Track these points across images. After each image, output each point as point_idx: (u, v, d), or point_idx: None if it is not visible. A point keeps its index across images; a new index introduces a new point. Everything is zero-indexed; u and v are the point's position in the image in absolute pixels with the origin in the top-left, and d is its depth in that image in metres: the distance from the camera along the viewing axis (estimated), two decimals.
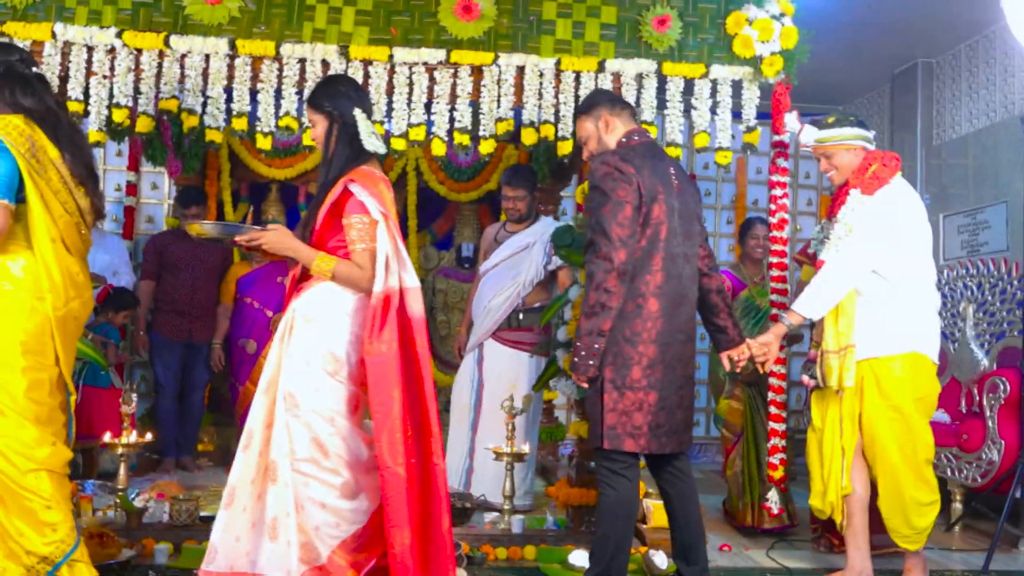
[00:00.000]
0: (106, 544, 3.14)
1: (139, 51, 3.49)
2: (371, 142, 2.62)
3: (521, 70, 3.61)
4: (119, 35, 3.46)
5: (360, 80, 3.54)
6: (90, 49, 3.48)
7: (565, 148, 3.65)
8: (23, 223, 2.39)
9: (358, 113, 2.62)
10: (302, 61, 3.53)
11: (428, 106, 3.60)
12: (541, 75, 3.62)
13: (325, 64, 3.54)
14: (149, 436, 3.85)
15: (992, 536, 3.72)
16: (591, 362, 2.68)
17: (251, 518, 2.56)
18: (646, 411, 2.72)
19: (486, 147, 3.64)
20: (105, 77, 3.48)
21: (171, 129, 5.00)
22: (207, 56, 3.49)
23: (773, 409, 3.78)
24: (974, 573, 3.59)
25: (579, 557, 3.31)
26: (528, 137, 3.62)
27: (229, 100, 3.54)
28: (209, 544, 2.56)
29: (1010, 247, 5.29)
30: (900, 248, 3.08)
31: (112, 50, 3.48)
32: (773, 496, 3.81)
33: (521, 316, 4.41)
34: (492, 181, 5.81)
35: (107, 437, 3.71)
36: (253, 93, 3.56)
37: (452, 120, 3.59)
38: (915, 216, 3.15)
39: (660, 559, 3.29)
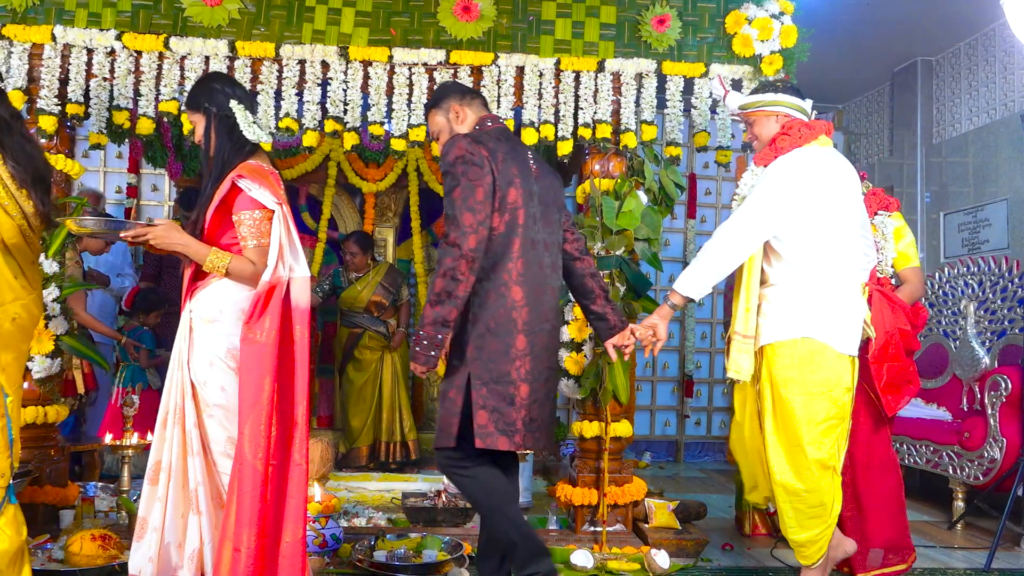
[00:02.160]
0: (108, 545, 3.14)
1: (139, 53, 3.49)
2: (252, 132, 2.58)
3: (521, 70, 3.62)
4: (119, 37, 3.46)
5: (360, 81, 3.54)
6: (90, 51, 3.48)
7: (565, 148, 3.65)
8: None
9: (235, 105, 2.57)
10: (302, 62, 3.53)
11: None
12: (541, 75, 3.62)
13: (325, 65, 3.54)
14: (151, 437, 3.85)
15: (994, 534, 3.72)
16: (433, 353, 2.51)
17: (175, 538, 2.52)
18: (519, 405, 2.56)
19: None
20: (105, 79, 3.49)
21: (171, 131, 5.01)
22: (207, 58, 3.50)
23: None
24: (976, 571, 3.59)
25: (581, 557, 3.32)
26: (528, 137, 3.62)
27: None
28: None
29: (1011, 245, 5.29)
30: (802, 225, 2.78)
31: (112, 52, 3.49)
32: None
33: None
34: None
35: (108, 439, 3.72)
36: (253, 94, 3.55)
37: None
38: (825, 191, 2.80)
39: (662, 558, 3.29)
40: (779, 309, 2.82)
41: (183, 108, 2.79)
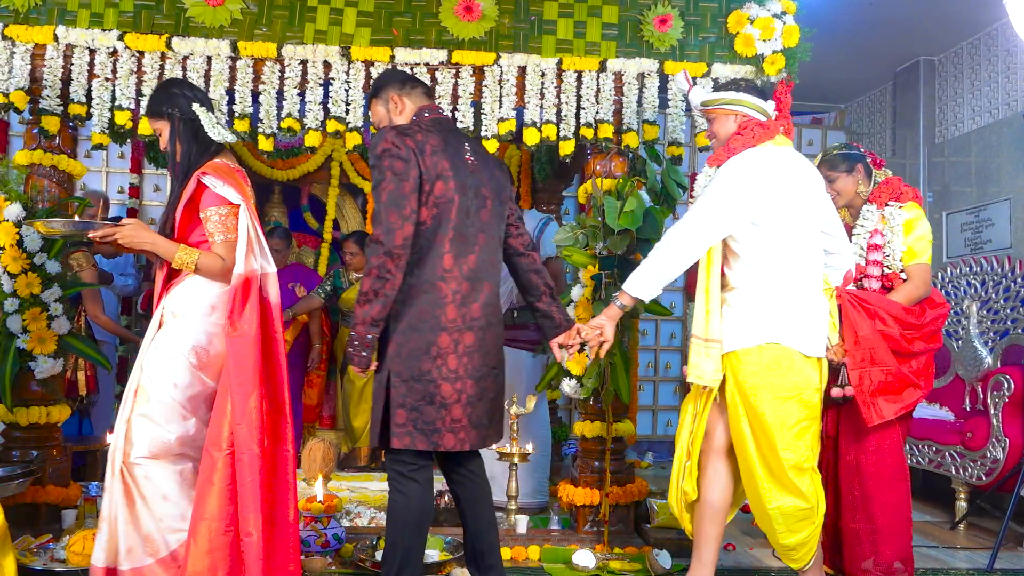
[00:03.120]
0: None
1: (141, 53, 3.49)
2: (217, 133, 2.62)
3: (523, 70, 3.62)
4: (121, 37, 3.47)
5: (362, 81, 3.55)
6: (92, 52, 3.48)
7: (567, 148, 3.65)
8: None
9: (197, 108, 2.63)
10: (304, 62, 3.54)
11: None
12: (543, 75, 3.62)
13: (327, 65, 3.54)
14: None
15: (997, 534, 3.72)
16: (364, 353, 2.48)
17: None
18: (438, 405, 2.49)
19: (488, 147, 3.65)
20: (107, 79, 3.49)
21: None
22: (209, 58, 3.50)
23: None
24: (979, 571, 3.58)
25: (583, 557, 3.31)
26: (530, 137, 3.62)
27: (231, 102, 3.54)
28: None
29: (1014, 244, 5.28)
30: (756, 225, 2.73)
31: (114, 52, 3.49)
32: None
33: (515, 314, 4.41)
34: None
35: (109, 438, 3.72)
36: (255, 95, 3.56)
37: (454, 120, 3.59)
38: (778, 191, 2.74)
39: (664, 559, 3.29)
40: (740, 314, 2.77)
41: (145, 115, 2.81)
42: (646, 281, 2.72)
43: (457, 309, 2.53)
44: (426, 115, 2.65)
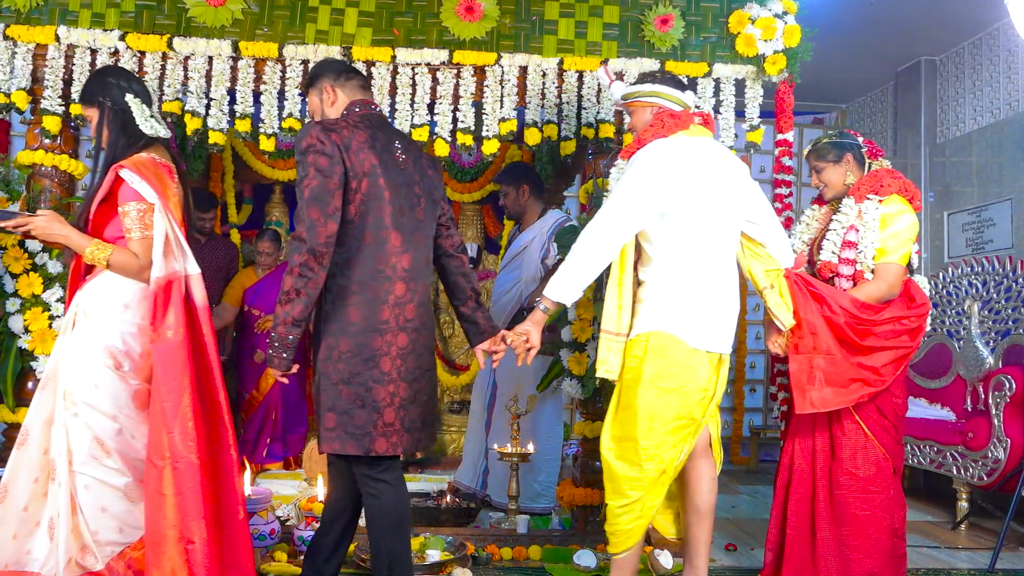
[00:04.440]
0: None
1: (142, 53, 3.49)
2: (149, 126, 2.55)
3: (524, 70, 3.62)
4: (122, 38, 3.47)
5: None
6: (94, 52, 3.49)
7: (568, 148, 3.65)
8: None
9: (130, 99, 2.55)
10: (305, 63, 3.53)
11: (431, 107, 3.60)
12: (544, 75, 3.62)
13: None
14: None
15: (998, 535, 3.71)
16: (284, 355, 2.40)
17: (34, 517, 2.48)
18: (370, 408, 2.42)
19: (489, 147, 3.65)
20: None
21: (174, 131, 5.00)
22: (210, 58, 3.50)
23: None
24: (980, 572, 3.58)
25: (584, 557, 3.32)
26: (531, 137, 3.62)
27: (232, 102, 3.54)
28: None
29: (1015, 244, 5.28)
30: (662, 216, 2.66)
31: (116, 52, 3.49)
32: None
33: (526, 315, 4.40)
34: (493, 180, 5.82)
35: None
36: (256, 95, 3.56)
37: (455, 120, 3.59)
38: (685, 180, 2.67)
39: (665, 559, 3.28)
40: (643, 307, 2.72)
41: (79, 104, 2.74)
42: (564, 285, 2.66)
43: (391, 310, 2.47)
44: (356, 110, 2.58)
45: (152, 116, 2.59)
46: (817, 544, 2.97)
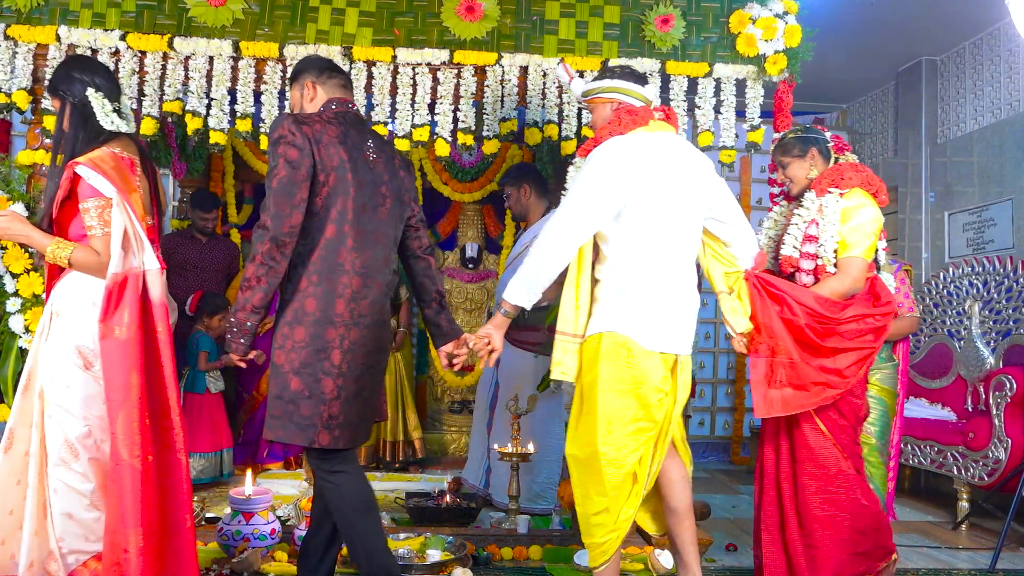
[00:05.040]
0: None
1: (143, 53, 3.50)
2: (109, 121, 2.51)
3: (524, 70, 3.62)
4: (123, 38, 3.47)
5: (364, 81, 3.55)
6: (94, 52, 3.49)
7: (569, 148, 3.65)
8: None
9: (92, 93, 2.52)
10: None
11: (432, 106, 3.60)
12: (544, 75, 3.62)
13: None
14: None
15: (999, 535, 3.71)
16: (242, 340, 2.42)
17: (19, 521, 2.43)
18: (316, 400, 2.43)
19: (490, 147, 3.65)
20: None
21: (175, 131, 5.01)
22: (211, 58, 3.50)
23: None
24: (981, 572, 3.58)
25: (584, 557, 3.31)
26: (532, 137, 3.62)
27: (233, 102, 3.54)
28: None
29: (1016, 245, 5.28)
30: (623, 215, 2.61)
31: (116, 52, 3.49)
32: None
33: (527, 315, 4.40)
34: (496, 181, 5.82)
35: None
36: (257, 95, 3.56)
37: (456, 120, 3.59)
38: (642, 177, 2.60)
39: (666, 559, 3.28)
40: (598, 306, 2.67)
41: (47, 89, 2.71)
42: (522, 288, 2.62)
43: (347, 304, 2.48)
44: (333, 107, 2.61)
45: (115, 111, 2.54)
46: (788, 546, 2.93)
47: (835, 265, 2.87)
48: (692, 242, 2.73)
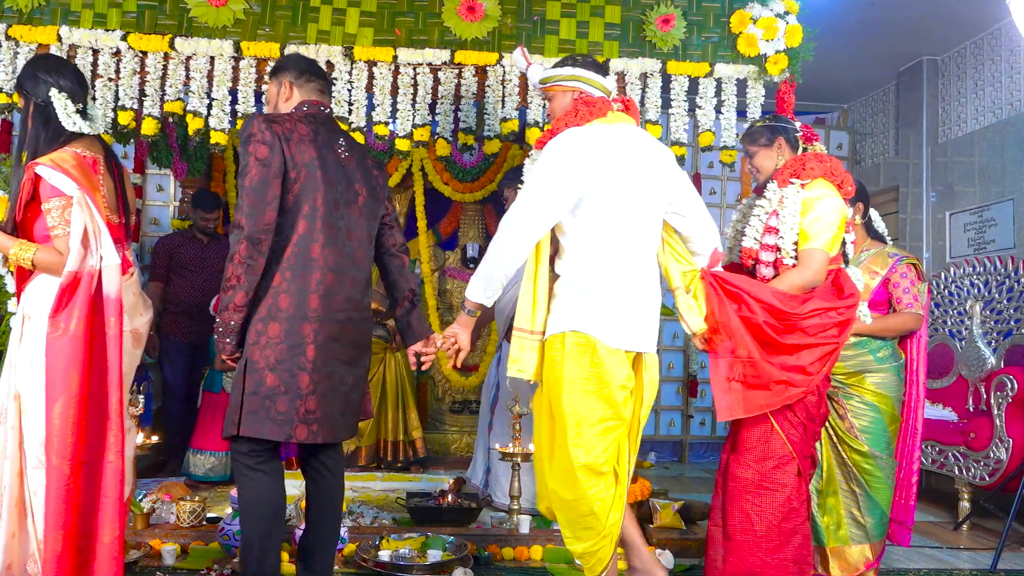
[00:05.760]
0: None
1: (144, 54, 3.50)
2: (71, 121, 2.51)
3: None
4: (124, 38, 3.47)
5: (365, 81, 3.55)
6: (95, 52, 3.49)
7: None
8: None
9: (55, 94, 2.52)
10: None
11: (433, 106, 3.61)
12: None
13: (330, 65, 3.55)
14: (155, 438, 3.87)
15: (1000, 535, 3.71)
16: (228, 340, 2.45)
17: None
18: (293, 395, 2.44)
19: (491, 147, 3.65)
20: (110, 80, 3.50)
21: (176, 131, 5.02)
22: (212, 58, 3.50)
23: None
24: (982, 572, 3.58)
25: None
26: (533, 137, 3.62)
27: (234, 102, 3.55)
28: None
29: (1017, 245, 5.27)
30: (581, 207, 2.54)
31: (117, 53, 3.50)
32: None
33: None
34: (496, 181, 5.82)
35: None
36: (258, 95, 3.57)
37: (456, 120, 3.59)
38: (599, 170, 2.53)
39: (667, 559, 3.28)
40: (557, 303, 2.59)
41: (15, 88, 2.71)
42: (482, 285, 2.57)
43: (320, 300, 2.49)
44: (304, 108, 2.62)
45: (78, 111, 2.54)
46: (707, 540, 2.84)
47: (795, 257, 2.76)
48: (654, 235, 2.66)
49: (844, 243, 2.87)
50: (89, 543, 2.38)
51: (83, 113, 2.56)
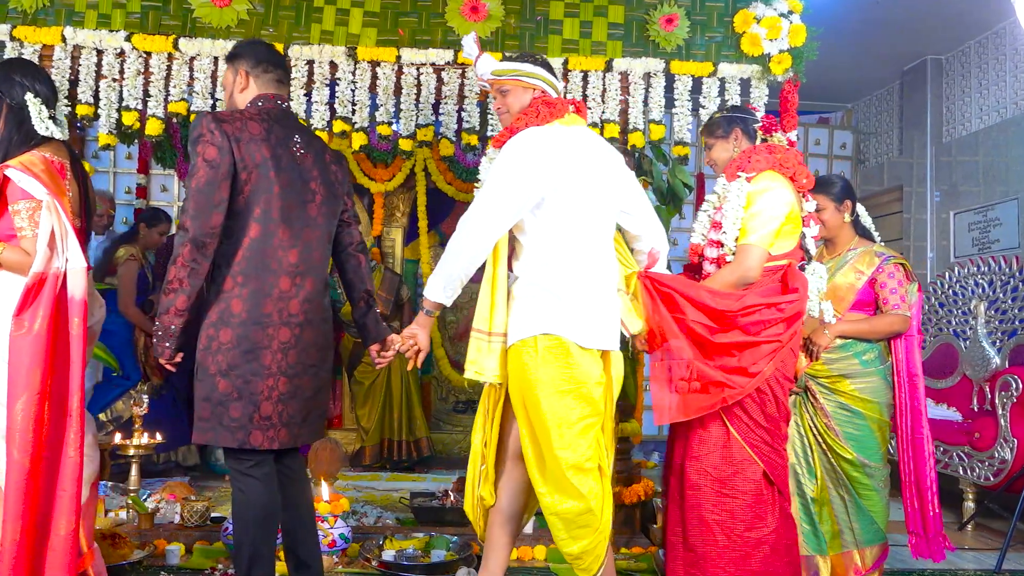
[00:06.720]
0: (118, 545, 3.16)
1: (148, 54, 3.50)
2: (44, 127, 2.55)
3: None
4: (128, 38, 3.48)
5: (368, 81, 3.55)
6: (99, 52, 3.50)
7: None
8: None
9: (30, 98, 2.56)
10: (310, 63, 3.54)
11: (436, 107, 3.61)
12: None
13: (333, 65, 3.55)
14: (159, 437, 3.88)
15: (1005, 535, 3.70)
16: (167, 343, 2.41)
17: None
18: (247, 401, 2.40)
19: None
20: (115, 80, 3.50)
21: (180, 132, 5.03)
22: (216, 58, 3.51)
23: None
24: (987, 572, 3.57)
25: None
26: None
27: None
28: None
29: (1021, 244, 5.26)
30: (541, 208, 2.51)
31: (121, 53, 3.50)
32: None
33: None
34: None
35: (118, 439, 3.74)
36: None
37: (460, 120, 3.59)
38: (559, 171, 2.51)
39: None
40: (519, 304, 2.53)
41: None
42: (440, 285, 2.54)
43: (274, 304, 2.45)
44: (259, 103, 2.57)
45: (51, 117, 2.59)
46: (666, 550, 2.76)
47: (733, 253, 2.71)
48: (610, 235, 2.65)
49: (804, 236, 2.81)
50: (45, 534, 2.40)
51: (53, 120, 2.61)
